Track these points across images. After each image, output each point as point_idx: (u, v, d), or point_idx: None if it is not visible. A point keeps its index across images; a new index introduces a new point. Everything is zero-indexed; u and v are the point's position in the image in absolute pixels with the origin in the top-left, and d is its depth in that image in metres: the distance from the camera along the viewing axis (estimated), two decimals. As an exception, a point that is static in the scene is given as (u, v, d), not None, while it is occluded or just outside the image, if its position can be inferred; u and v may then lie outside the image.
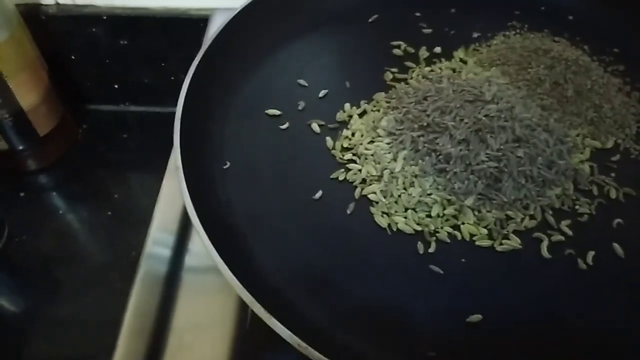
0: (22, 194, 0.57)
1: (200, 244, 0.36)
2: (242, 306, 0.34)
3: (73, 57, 0.61)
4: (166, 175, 0.42)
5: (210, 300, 0.35)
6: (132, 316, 0.34)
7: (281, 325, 0.26)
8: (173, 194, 0.40)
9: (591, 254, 0.32)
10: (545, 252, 0.32)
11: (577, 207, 0.34)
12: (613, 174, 0.36)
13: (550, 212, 0.34)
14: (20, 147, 0.55)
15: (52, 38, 0.58)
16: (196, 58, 0.38)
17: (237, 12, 0.42)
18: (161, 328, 0.33)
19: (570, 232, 0.33)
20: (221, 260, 0.28)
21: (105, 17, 0.57)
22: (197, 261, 0.37)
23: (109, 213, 0.57)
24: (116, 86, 0.64)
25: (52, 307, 0.50)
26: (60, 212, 0.57)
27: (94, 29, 0.58)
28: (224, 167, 0.36)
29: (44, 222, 0.56)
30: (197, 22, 0.56)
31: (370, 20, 0.46)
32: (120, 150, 0.63)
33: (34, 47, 0.54)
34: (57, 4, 0.57)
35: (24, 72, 0.50)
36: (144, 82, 0.64)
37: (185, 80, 0.36)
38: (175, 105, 0.35)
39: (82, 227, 0.57)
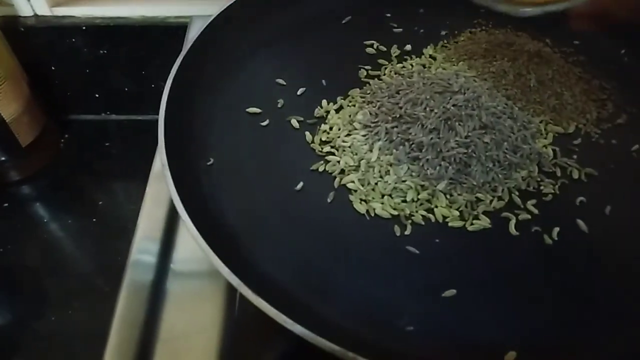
0: (5, 205, 0.57)
1: (186, 250, 0.38)
2: (229, 308, 0.35)
3: (53, 68, 0.61)
4: (149, 183, 0.42)
5: (197, 306, 0.35)
6: (119, 325, 0.34)
7: (268, 305, 0.27)
8: (156, 201, 0.41)
9: (556, 230, 0.34)
10: (513, 230, 0.34)
11: (541, 187, 0.36)
12: (575, 156, 0.38)
13: (517, 193, 0.36)
14: (3, 158, 0.56)
15: (32, 49, 0.59)
16: (177, 60, 0.39)
17: (215, 16, 0.43)
18: (150, 334, 0.34)
19: (536, 211, 0.35)
20: (208, 247, 0.29)
21: (84, 28, 0.58)
22: (182, 266, 0.37)
23: (94, 221, 0.57)
24: (97, 95, 0.65)
25: (39, 317, 0.50)
26: (45, 221, 0.57)
27: (73, 40, 0.59)
28: (208, 163, 0.37)
29: (28, 233, 0.56)
30: (176, 30, 0.57)
31: (343, 21, 0.48)
32: (102, 159, 0.64)
33: (14, 58, 0.54)
34: (36, 15, 0.58)
35: (5, 83, 0.51)
36: (124, 91, 0.65)
37: (167, 81, 0.38)
38: (157, 112, 0.36)
39: (66, 236, 0.57)
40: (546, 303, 0.31)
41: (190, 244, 0.35)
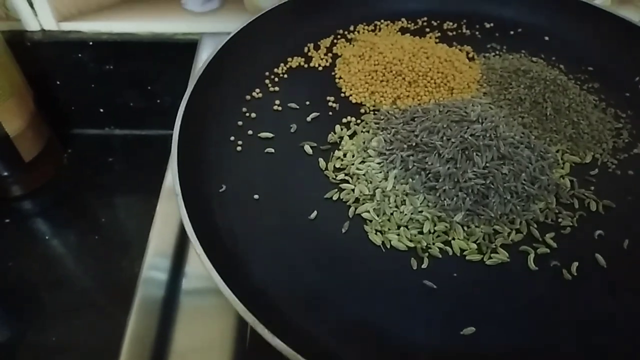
0: (7, 220, 0.56)
1: (197, 267, 0.37)
2: (241, 327, 0.34)
3: (58, 82, 0.61)
4: (160, 199, 0.42)
5: (208, 323, 0.35)
6: (131, 342, 0.34)
7: (284, 345, 0.26)
8: (167, 217, 0.40)
9: (575, 264, 0.33)
10: (532, 264, 0.33)
11: (560, 220, 0.35)
12: (592, 187, 0.38)
13: (535, 225, 0.35)
14: (5, 173, 0.55)
15: (38, 64, 0.58)
16: (189, 85, 0.39)
17: (227, 38, 0.43)
18: (161, 352, 0.33)
19: (554, 244, 0.34)
20: (223, 282, 0.28)
21: (91, 43, 0.58)
22: (194, 284, 0.37)
23: (96, 237, 0.57)
24: (101, 110, 0.64)
25: (41, 333, 0.49)
26: (47, 237, 0.56)
27: (79, 55, 0.58)
28: (220, 190, 0.37)
29: (30, 248, 0.55)
30: (183, 47, 0.57)
31: (355, 43, 0.48)
32: (106, 174, 0.63)
33: (20, 73, 0.54)
34: (43, 30, 0.57)
35: (10, 98, 0.50)
36: (129, 106, 0.64)
37: (180, 107, 0.37)
38: (161, 128, 0.36)
39: (69, 252, 0.56)
40: (567, 340, 0.31)
41: None
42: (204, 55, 0.41)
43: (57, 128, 0.62)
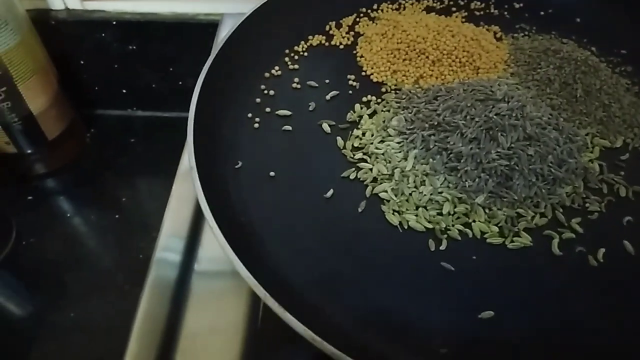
0: (30, 198, 0.57)
1: (210, 249, 0.37)
2: (253, 309, 0.34)
3: (82, 62, 0.61)
4: (176, 180, 0.42)
5: (220, 304, 0.34)
6: (142, 321, 0.34)
7: (295, 320, 0.26)
8: (182, 199, 0.40)
9: (602, 251, 0.32)
10: (556, 250, 0.32)
11: (587, 205, 0.34)
12: (622, 173, 0.36)
13: (561, 210, 0.34)
14: (29, 151, 0.55)
15: (62, 43, 0.59)
16: (208, 60, 0.38)
17: (246, 15, 0.42)
18: (172, 333, 0.33)
19: (580, 230, 0.33)
20: (235, 256, 0.28)
21: (114, 23, 0.58)
22: (206, 266, 0.37)
23: (117, 217, 0.57)
24: (124, 91, 0.65)
25: (60, 310, 0.49)
26: (68, 215, 0.57)
27: (103, 34, 0.59)
28: (236, 166, 0.36)
29: (51, 226, 0.56)
30: (206, 27, 0.57)
31: (378, 23, 0.46)
32: (127, 155, 0.64)
33: (44, 52, 0.54)
34: (67, 9, 0.58)
35: (34, 76, 0.51)
36: (151, 87, 0.64)
37: (198, 81, 0.37)
38: (183, 110, 0.35)
39: (89, 231, 0.57)
40: (589, 328, 0.29)
41: (216, 243, 0.35)
42: (225, 33, 0.41)
43: (80, 108, 0.63)
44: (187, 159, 0.33)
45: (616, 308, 0.30)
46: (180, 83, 0.63)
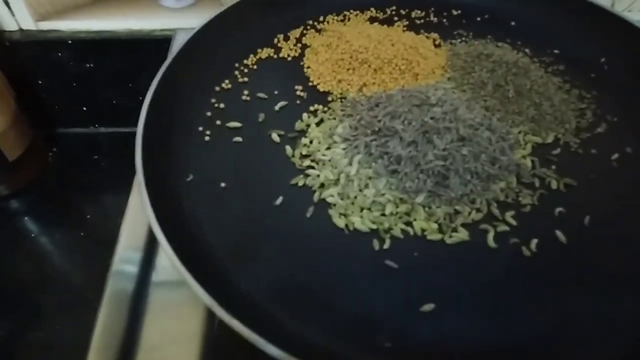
0: (-7, 219, 0.57)
1: (167, 260, 0.38)
2: (210, 319, 0.35)
3: (40, 82, 0.61)
4: (132, 193, 0.42)
5: (178, 315, 0.35)
6: (100, 335, 0.34)
7: (240, 325, 0.27)
8: (139, 211, 0.40)
9: (535, 241, 0.34)
10: (491, 242, 0.34)
11: (520, 198, 0.36)
12: (554, 167, 0.38)
13: (495, 204, 0.36)
14: (-10, 173, 0.56)
15: (18, 63, 0.59)
16: (157, 75, 0.40)
17: (197, 29, 0.44)
18: (129, 345, 0.33)
19: (514, 223, 0.35)
20: (183, 268, 0.29)
21: (70, 42, 0.58)
22: (164, 276, 0.37)
23: (82, 234, 0.57)
24: (85, 108, 0.65)
25: (29, 331, 0.49)
26: (33, 235, 0.57)
27: (59, 54, 0.59)
28: (187, 179, 0.37)
29: (17, 247, 0.56)
30: (162, 43, 0.57)
31: (325, 33, 0.48)
32: (91, 172, 0.64)
33: (0, 73, 0.54)
34: (21, 29, 0.58)
35: (-9, 98, 0.51)
36: (112, 103, 0.65)
37: (147, 96, 0.38)
38: None
39: (55, 249, 0.57)
40: (525, 316, 0.31)
41: None
42: (174, 49, 0.42)
43: (41, 127, 0.63)
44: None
45: (551, 296, 0.32)
46: (140, 98, 0.62)
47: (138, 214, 0.40)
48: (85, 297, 0.52)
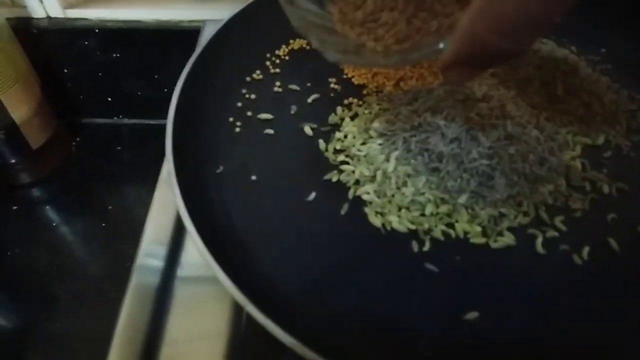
0: (14, 208, 0.57)
1: (193, 254, 0.37)
2: (237, 314, 0.34)
3: (66, 70, 0.61)
4: (158, 186, 0.41)
5: (203, 311, 0.34)
6: (124, 329, 0.33)
7: (274, 326, 0.26)
8: (165, 205, 0.40)
9: (586, 249, 0.32)
10: (539, 248, 0.32)
11: (570, 203, 0.34)
12: (605, 170, 0.36)
13: (544, 208, 0.34)
14: (13, 161, 0.55)
15: (44, 51, 0.58)
16: (187, 65, 0.38)
17: (226, 20, 0.42)
18: (153, 340, 0.33)
19: (564, 228, 0.33)
20: (215, 263, 0.28)
21: (97, 30, 0.57)
22: (189, 272, 0.36)
23: (103, 225, 0.57)
24: (109, 99, 0.65)
25: (47, 321, 0.49)
26: (54, 225, 0.57)
27: (86, 42, 0.58)
28: (217, 171, 0.36)
29: (37, 236, 0.56)
30: (189, 34, 0.56)
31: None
32: (113, 163, 0.63)
33: (26, 61, 0.54)
34: (49, 17, 0.57)
35: (16, 85, 0.50)
36: (137, 95, 0.64)
37: (177, 85, 0.37)
38: None
39: (76, 239, 0.57)
40: (575, 327, 0.29)
41: None
42: (205, 39, 0.41)
43: (65, 117, 0.63)
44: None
45: (601, 306, 0.30)
46: (165, 90, 0.63)
47: (164, 208, 0.40)
48: (104, 288, 0.52)
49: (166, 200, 0.40)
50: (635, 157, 0.37)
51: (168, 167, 0.32)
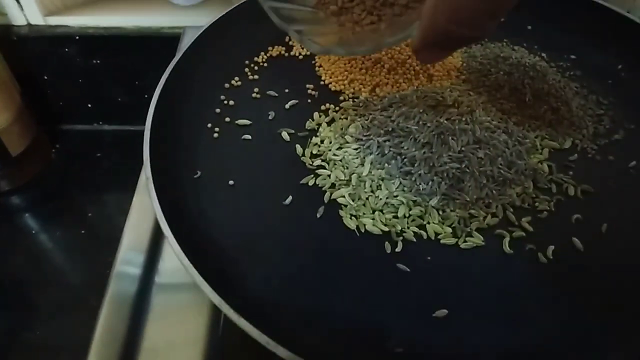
0: (-6, 215, 0.57)
1: (171, 262, 0.37)
2: (214, 322, 0.34)
3: (46, 77, 0.61)
4: (136, 193, 0.41)
5: (181, 318, 0.34)
6: (101, 337, 0.33)
7: (250, 326, 0.26)
8: (143, 212, 0.40)
9: (551, 248, 0.33)
10: (507, 248, 0.33)
11: (536, 204, 0.35)
12: (571, 172, 0.37)
13: (511, 209, 0.35)
14: (-8, 168, 0.55)
15: (25, 58, 0.59)
16: (166, 71, 0.39)
17: (206, 26, 0.43)
18: (131, 348, 0.33)
19: (530, 228, 0.34)
20: (192, 267, 0.28)
21: (77, 37, 0.58)
22: (167, 279, 0.36)
23: (83, 232, 0.57)
24: (89, 105, 0.65)
25: (27, 329, 0.49)
26: (34, 232, 0.57)
27: (66, 49, 0.59)
28: (195, 176, 0.36)
29: (17, 243, 0.56)
30: (170, 41, 0.57)
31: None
32: (93, 169, 0.63)
33: (6, 68, 0.54)
34: (29, 24, 0.57)
35: (-4, 92, 0.50)
36: (117, 101, 0.64)
37: (156, 91, 0.37)
38: None
39: (55, 247, 0.56)
40: (540, 323, 0.30)
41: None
42: (184, 45, 0.41)
43: (45, 123, 0.63)
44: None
45: (566, 303, 0.31)
46: (146, 96, 0.63)
47: (141, 215, 0.40)
48: (83, 296, 0.52)
49: (144, 207, 0.40)
50: (601, 160, 0.38)
51: (145, 173, 0.32)
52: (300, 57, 0.45)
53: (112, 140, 0.67)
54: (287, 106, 0.41)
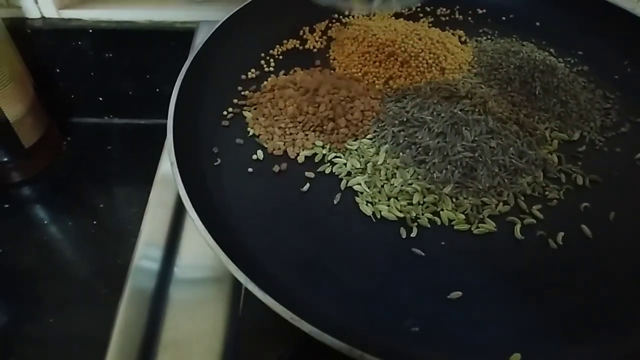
0: (5, 206, 0.57)
1: (189, 257, 0.37)
2: (233, 315, 0.34)
3: (59, 70, 0.62)
4: (154, 187, 0.42)
5: (199, 313, 0.35)
6: (120, 331, 0.33)
7: (274, 302, 0.27)
8: (160, 206, 0.40)
9: (561, 234, 0.34)
10: (518, 234, 0.34)
11: (546, 193, 0.36)
12: (580, 163, 0.38)
13: (522, 198, 0.36)
14: (5, 159, 0.55)
15: (38, 51, 0.59)
16: (187, 61, 0.40)
17: (223, 20, 0.44)
18: (151, 342, 0.33)
19: (541, 216, 0.35)
20: (217, 246, 0.29)
21: (91, 31, 0.58)
22: (185, 273, 0.37)
23: (94, 224, 0.57)
24: (101, 98, 0.65)
25: (37, 320, 0.49)
26: (45, 223, 0.57)
27: (79, 42, 0.59)
28: (215, 163, 0.37)
29: (28, 234, 0.56)
30: (183, 35, 0.58)
31: (349, 28, 0.48)
32: (104, 162, 0.64)
33: (20, 60, 0.54)
34: (43, 17, 0.58)
35: (10, 84, 0.51)
36: (128, 95, 0.65)
37: (177, 82, 0.38)
38: (160, 117, 0.36)
39: (66, 238, 0.57)
40: (550, 306, 0.31)
41: (194, 250, 0.36)
42: (202, 39, 0.42)
43: (57, 116, 0.63)
44: (165, 163, 0.33)
45: (576, 287, 0.32)
46: (157, 90, 0.64)
47: (159, 209, 0.40)
48: (93, 288, 0.52)
49: (162, 201, 0.40)
50: (608, 152, 0.39)
51: (170, 158, 0.33)
52: (315, 50, 0.46)
53: (122, 134, 0.67)
54: (303, 97, 0.42)
